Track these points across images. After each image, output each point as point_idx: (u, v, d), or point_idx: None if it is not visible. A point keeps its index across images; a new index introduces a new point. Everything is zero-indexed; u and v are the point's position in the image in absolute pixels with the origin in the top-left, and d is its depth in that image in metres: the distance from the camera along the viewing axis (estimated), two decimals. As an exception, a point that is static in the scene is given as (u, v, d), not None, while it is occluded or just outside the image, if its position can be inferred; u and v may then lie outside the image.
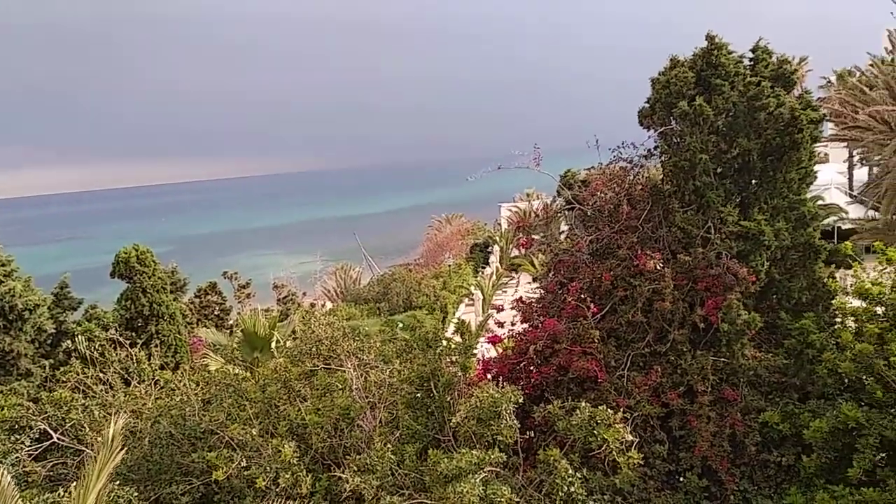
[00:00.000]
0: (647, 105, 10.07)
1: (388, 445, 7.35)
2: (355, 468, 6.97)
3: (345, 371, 9.26)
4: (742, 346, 8.64)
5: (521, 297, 10.35)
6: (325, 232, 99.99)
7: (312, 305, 30.22)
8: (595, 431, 6.85)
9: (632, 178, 10.12)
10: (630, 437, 6.92)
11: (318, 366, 9.76)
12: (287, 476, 6.98)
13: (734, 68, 9.68)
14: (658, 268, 8.97)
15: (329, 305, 32.05)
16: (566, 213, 12.07)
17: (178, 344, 17.16)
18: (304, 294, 35.71)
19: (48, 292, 16.18)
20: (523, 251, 36.65)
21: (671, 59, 9.95)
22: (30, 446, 10.13)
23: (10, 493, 5.55)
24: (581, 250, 9.74)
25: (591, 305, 8.93)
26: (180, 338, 17.42)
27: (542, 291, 10.29)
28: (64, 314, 16.22)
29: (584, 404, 7.14)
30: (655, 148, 10.05)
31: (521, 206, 47.17)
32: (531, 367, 8.98)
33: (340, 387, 8.78)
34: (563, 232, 13.13)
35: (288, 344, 15.03)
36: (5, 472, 5.92)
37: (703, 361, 8.64)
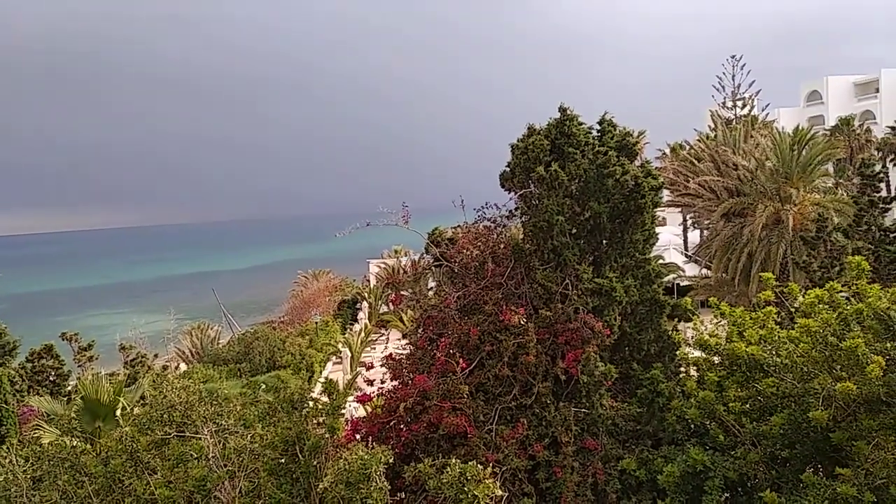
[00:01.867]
0: (507, 169, 10.63)
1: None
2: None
3: (201, 438, 8.63)
4: (600, 397, 9.10)
5: (390, 354, 10.29)
6: (180, 289, 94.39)
7: (165, 368, 28.16)
8: (465, 488, 6.82)
9: (496, 236, 10.55)
10: (500, 492, 6.95)
11: (170, 434, 9.02)
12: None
13: (584, 138, 10.51)
14: (522, 322, 9.32)
15: (184, 367, 29.98)
16: (434, 269, 12.30)
17: (4, 415, 15.18)
18: (156, 356, 33.16)
19: None
20: (392, 307, 36.67)
21: (528, 128, 10.63)
22: None
23: None
24: (449, 306, 9.91)
25: (461, 360, 9.05)
26: (7, 408, 15.44)
27: (412, 347, 10.29)
28: None
29: (454, 461, 7.11)
30: (516, 209, 10.58)
31: (390, 263, 47.45)
32: (401, 426, 8.87)
33: (195, 456, 8.15)
34: (431, 288, 13.34)
35: (136, 411, 13.80)
36: None
37: (566, 413, 8.98)
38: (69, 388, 21.55)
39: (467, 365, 9.14)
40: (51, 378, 21.96)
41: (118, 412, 13.61)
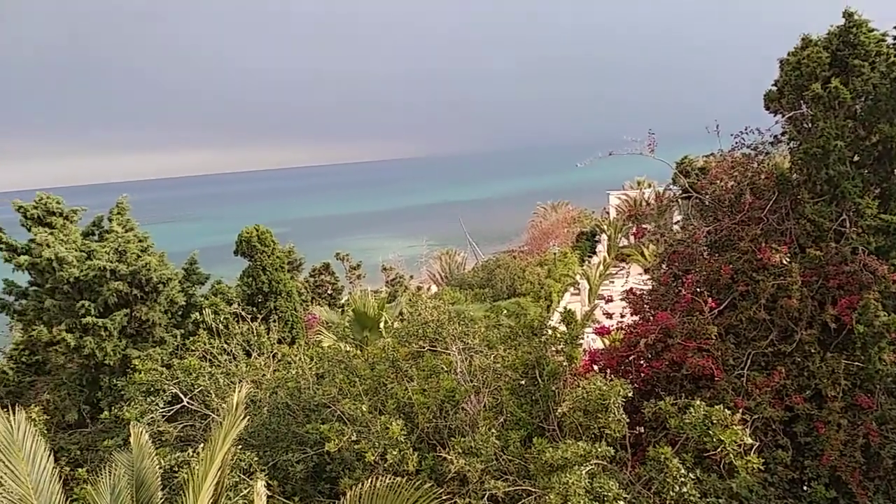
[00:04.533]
0: (774, 88, 9.39)
1: (493, 430, 7.40)
2: (460, 450, 7.07)
3: (450, 354, 9.40)
4: (880, 350, 7.93)
5: (631, 289, 10.03)
6: (431, 217, 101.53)
7: (419, 288, 30.85)
8: (710, 432, 6.55)
9: (756, 165, 9.51)
10: (749, 441, 6.56)
11: (424, 347, 9.97)
12: (394, 453, 7.20)
13: (875, 47, 8.82)
14: (784, 262, 8.40)
15: (434, 289, 32.57)
16: (681, 202, 11.56)
17: (294, 320, 18.03)
18: (411, 277, 36.44)
19: (179, 267, 17.45)
20: (633, 241, 35.53)
21: (803, 39, 9.21)
22: (163, 408, 11.06)
23: (147, 450, 6.07)
24: (698, 241, 9.29)
25: (708, 300, 8.50)
26: (296, 314, 18.30)
27: (654, 283, 9.92)
28: (193, 288, 17.43)
29: (698, 402, 6.84)
30: (783, 134, 9.38)
31: (632, 195, 45.70)
32: (641, 362, 8.70)
33: (446, 369, 8.92)
34: (677, 222, 12.59)
35: (395, 325, 15.47)
36: (143, 430, 6.50)
37: (835, 364, 8.01)
38: (342, 300, 24.79)
39: (716, 305, 8.56)
40: (328, 291, 25.43)
41: (381, 325, 15.35)
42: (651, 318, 9.03)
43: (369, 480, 5.77)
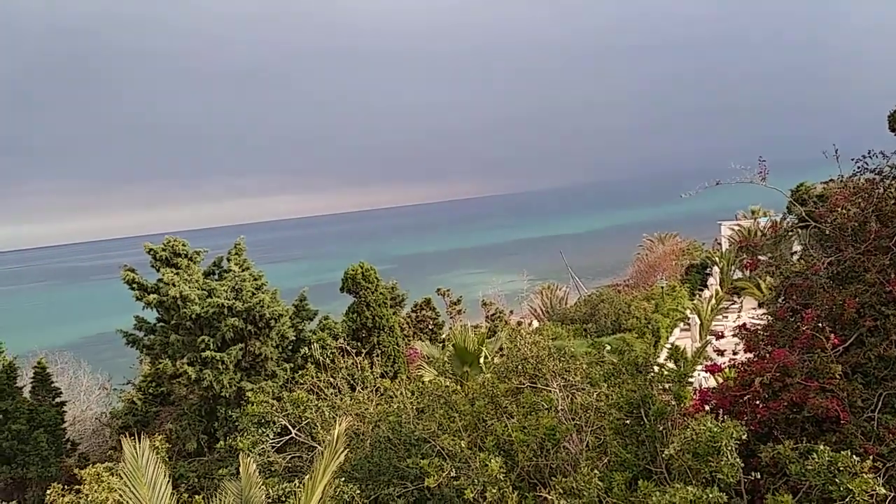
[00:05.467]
0: (901, 107, 8.74)
1: (596, 471, 7.15)
2: (561, 490, 6.87)
3: (550, 391, 9.23)
4: None
5: (744, 324, 9.47)
6: (531, 252, 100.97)
7: (519, 323, 30.59)
8: (837, 480, 5.99)
9: (881, 191, 8.79)
10: (882, 491, 5.94)
11: (523, 383, 9.84)
12: (494, 490, 7.10)
13: None
14: (918, 295, 7.66)
15: (535, 324, 32.18)
16: (799, 231, 10.87)
17: (396, 355, 18.37)
18: (511, 312, 36.25)
19: (290, 304, 18.30)
20: (747, 273, 33.63)
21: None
22: (273, 439, 11.53)
23: (255, 480, 6.34)
24: (818, 273, 8.66)
25: (831, 336, 7.86)
26: (398, 349, 18.64)
27: (770, 318, 9.31)
28: (302, 323, 18.21)
29: (822, 447, 6.29)
30: (911, 156, 8.65)
31: (745, 224, 43.50)
32: (757, 402, 8.13)
33: (546, 406, 8.75)
34: (794, 252, 11.82)
35: (495, 360, 15.39)
36: (252, 461, 6.79)
37: None
38: (443, 335, 25.01)
39: (840, 342, 7.90)
40: (430, 326, 25.76)
41: (481, 360, 15.32)
42: (767, 355, 8.46)
43: (468, 518, 5.71)
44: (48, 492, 11.02)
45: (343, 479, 8.46)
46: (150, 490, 5.46)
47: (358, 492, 8.22)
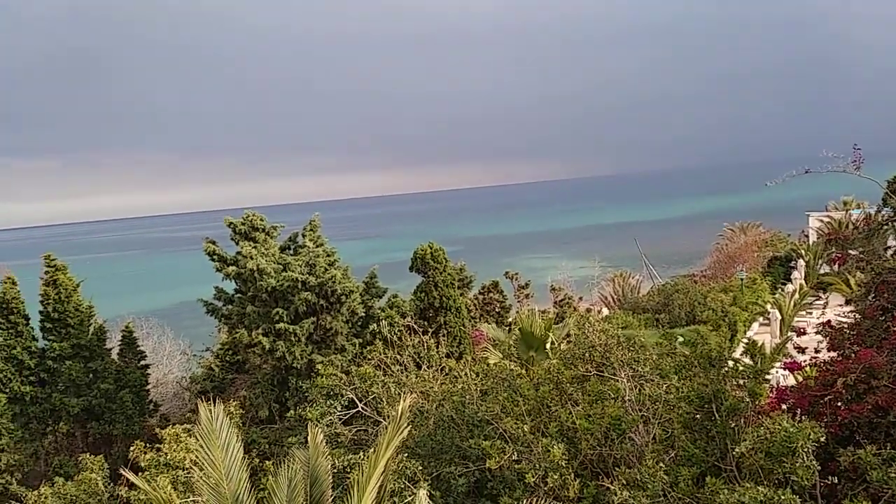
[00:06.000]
0: None
1: (661, 464, 6.98)
2: (625, 481, 6.75)
3: (617, 380, 9.05)
4: None
5: (829, 321, 8.99)
6: (605, 238, 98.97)
7: (588, 311, 30.14)
8: (924, 490, 5.63)
9: None
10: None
11: (590, 371, 9.69)
12: (555, 476, 7.06)
13: None
14: None
15: (605, 312, 31.62)
16: (895, 225, 10.18)
17: (461, 335, 18.48)
18: (581, 299, 35.74)
19: (360, 281, 18.68)
20: (835, 268, 31.84)
21: None
22: (340, 412, 11.84)
23: (322, 450, 6.51)
24: (914, 270, 8.10)
25: (926, 338, 7.35)
26: (464, 330, 18.74)
27: (858, 316, 8.80)
28: (372, 300, 18.57)
29: (909, 455, 5.92)
30: None
31: (836, 216, 41.09)
32: (838, 403, 7.72)
33: (612, 396, 8.60)
34: (889, 248, 11.09)
35: (562, 346, 15.24)
36: (319, 431, 6.98)
37: None
38: (510, 319, 24.96)
39: (937, 344, 7.38)
40: (496, 309, 25.75)
41: (548, 345, 15.20)
42: (853, 354, 8.01)
43: (529, 502, 5.70)
44: (132, 448, 11.73)
45: (406, 454, 8.61)
46: (224, 453, 5.71)
47: (420, 468, 8.35)
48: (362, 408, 11.65)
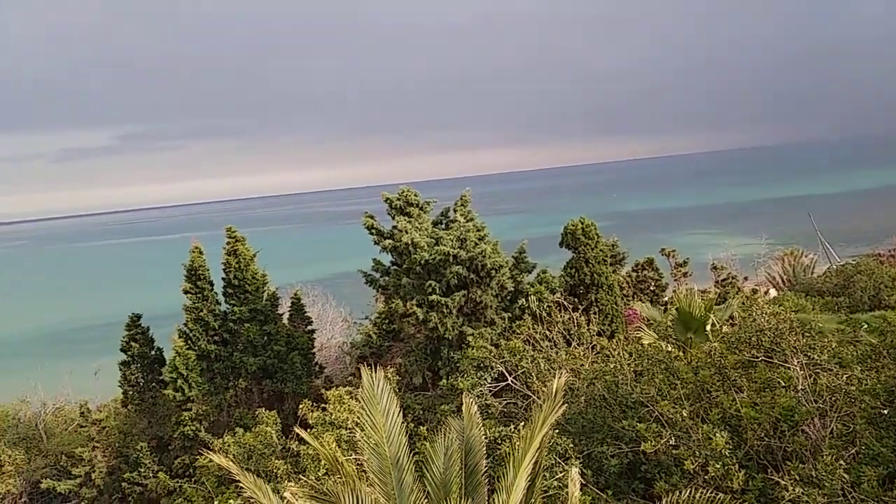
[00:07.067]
0: None
1: (841, 462, 6.37)
2: (797, 477, 6.26)
3: (789, 368, 8.37)
4: None
5: None
6: (774, 213, 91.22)
7: (754, 291, 28.02)
8: None
9: None
10: None
11: (757, 357, 9.05)
12: (717, 466, 6.70)
13: None
14: None
15: (773, 293, 29.22)
16: None
17: (614, 314, 17.97)
18: (746, 279, 33.26)
19: (509, 255, 18.73)
20: None
21: None
22: (490, 384, 12.04)
23: (476, 420, 6.67)
24: None
25: None
26: (616, 308, 18.20)
27: None
28: (521, 275, 18.56)
29: None
30: None
31: None
32: None
33: (783, 384, 7.97)
34: None
35: (724, 329, 14.31)
36: (473, 402, 7.15)
37: None
38: (665, 298, 23.85)
39: None
40: (651, 288, 24.69)
41: (708, 327, 14.34)
42: None
43: (688, 490, 5.45)
44: (300, 406, 12.77)
45: (556, 431, 8.59)
46: (384, 417, 6.03)
47: (571, 445, 8.30)
48: (512, 381, 11.76)
